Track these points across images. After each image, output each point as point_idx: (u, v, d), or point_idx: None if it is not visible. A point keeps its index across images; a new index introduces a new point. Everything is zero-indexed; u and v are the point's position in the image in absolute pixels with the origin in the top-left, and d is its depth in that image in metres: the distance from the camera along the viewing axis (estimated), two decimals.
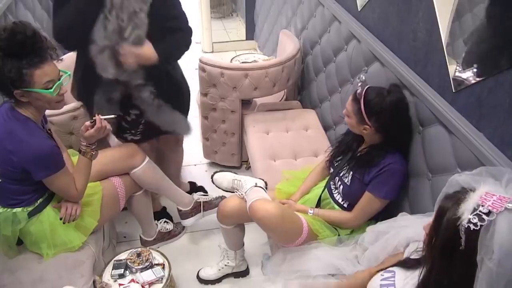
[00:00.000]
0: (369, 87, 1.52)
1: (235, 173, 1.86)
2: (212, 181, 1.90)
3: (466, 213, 0.87)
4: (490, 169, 0.99)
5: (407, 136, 1.56)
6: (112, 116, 1.67)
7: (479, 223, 0.85)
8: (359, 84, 1.54)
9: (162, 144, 2.23)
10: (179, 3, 1.81)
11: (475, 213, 0.86)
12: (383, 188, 1.54)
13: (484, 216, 0.85)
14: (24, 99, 1.41)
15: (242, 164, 2.75)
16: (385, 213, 1.58)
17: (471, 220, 0.85)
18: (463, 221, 0.86)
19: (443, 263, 0.92)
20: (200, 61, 2.37)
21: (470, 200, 0.88)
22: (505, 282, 0.85)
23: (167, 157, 2.25)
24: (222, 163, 2.74)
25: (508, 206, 0.84)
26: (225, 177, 1.85)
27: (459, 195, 0.91)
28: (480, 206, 0.86)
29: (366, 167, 1.56)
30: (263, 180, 1.80)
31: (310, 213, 1.67)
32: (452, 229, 0.88)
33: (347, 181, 1.64)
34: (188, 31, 1.87)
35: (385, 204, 1.57)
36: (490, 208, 0.85)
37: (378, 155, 1.54)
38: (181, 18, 1.83)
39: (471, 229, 0.85)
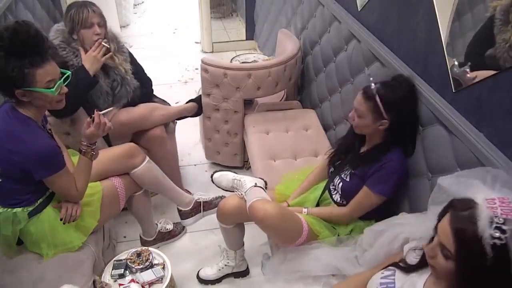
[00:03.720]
0: (380, 82, 1.52)
1: (235, 172, 1.86)
2: (212, 180, 1.90)
3: (486, 229, 0.86)
4: (468, 172, 1.01)
5: (416, 126, 1.55)
6: (110, 109, 1.74)
7: (502, 236, 0.84)
8: (372, 80, 1.52)
9: (146, 144, 2.23)
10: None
11: (493, 226, 0.85)
12: (380, 184, 1.54)
13: (503, 227, 0.84)
14: (25, 99, 1.41)
15: (244, 164, 2.75)
16: (385, 213, 1.58)
17: (493, 235, 0.85)
18: (486, 239, 0.85)
19: (475, 284, 0.91)
20: (203, 62, 2.36)
21: (482, 215, 0.87)
22: None
23: (155, 158, 2.18)
24: (224, 164, 2.73)
25: None
26: (225, 177, 1.85)
27: (468, 212, 0.90)
28: (494, 217, 0.86)
29: (368, 164, 1.57)
30: (263, 179, 1.80)
31: (304, 211, 1.67)
32: (477, 250, 0.87)
33: (346, 178, 1.65)
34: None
35: (381, 201, 1.57)
36: (504, 216, 0.85)
37: (381, 153, 1.54)
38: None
39: (498, 244, 0.85)
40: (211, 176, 1.90)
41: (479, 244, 0.86)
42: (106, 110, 1.66)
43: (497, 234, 0.84)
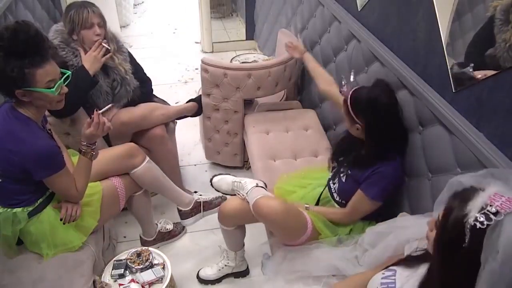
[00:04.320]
0: (360, 86, 1.55)
1: (234, 175, 1.86)
2: (212, 184, 1.90)
3: (473, 211, 0.87)
4: (495, 172, 0.98)
5: (398, 135, 1.56)
6: (109, 106, 1.75)
7: (485, 222, 0.84)
8: (343, 85, 1.57)
9: (146, 143, 2.24)
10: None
11: (482, 212, 0.86)
12: (372, 189, 1.55)
13: (491, 216, 0.84)
14: (25, 99, 1.41)
15: (244, 164, 2.75)
16: (386, 213, 1.58)
17: (478, 218, 0.85)
18: (469, 219, 0.86)
19: (446, 260, 0.92)
20: (203, 62, 2.36)
21: (479, 199, 0.88)
22: (507, 283, 0.84)
23: (155, 157, 2.19)
24: (224, 164, 2.73)
25: None
26: (224, 180, 1.85)
27: (468, 193, 0.91)
28: (489, 206, 0.86)
29: (363, 167, 1.57)
30: (262, 182, 1.80)
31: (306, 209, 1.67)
32: (458, 227, 0.88)
33: (343, 179, 1.65)
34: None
35: (376, 207, 1.58)
36: (498, 208, 0.85)
37: (376, 157, 1.55)
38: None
39: (477, 227, 0.85)
40: (210, 181, 1.90)
41: (461, 222, 0.87)
42: (105, 108, 1.67)
43: (482, 219, 0.85)
